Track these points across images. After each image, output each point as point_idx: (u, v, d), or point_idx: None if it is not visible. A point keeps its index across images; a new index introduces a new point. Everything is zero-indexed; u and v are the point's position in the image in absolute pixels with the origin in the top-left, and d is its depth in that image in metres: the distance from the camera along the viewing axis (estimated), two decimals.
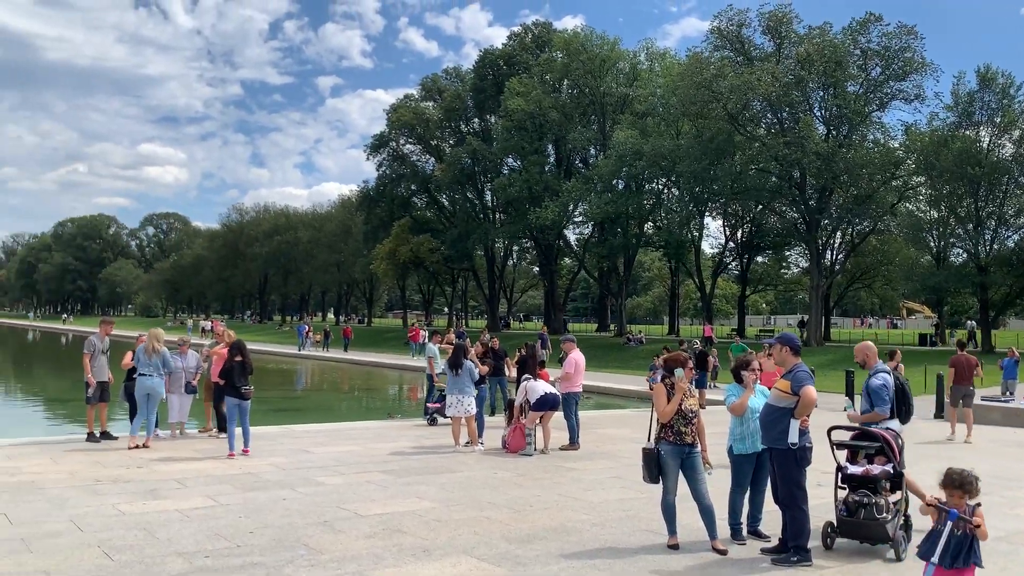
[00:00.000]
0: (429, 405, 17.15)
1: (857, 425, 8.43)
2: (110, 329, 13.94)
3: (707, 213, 52.99)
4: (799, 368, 7.51)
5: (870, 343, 9.00)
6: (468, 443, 13.72)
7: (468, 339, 16.02)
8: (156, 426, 13.48)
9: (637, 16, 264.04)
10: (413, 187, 69.95)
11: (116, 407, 16.04)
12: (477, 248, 65.46)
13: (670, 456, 7.60)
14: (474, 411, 13.62)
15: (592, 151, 57.64)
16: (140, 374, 13.05)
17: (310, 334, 54.74)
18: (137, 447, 12.84)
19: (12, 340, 77.22)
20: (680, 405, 7.63)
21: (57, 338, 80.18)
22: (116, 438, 13.76)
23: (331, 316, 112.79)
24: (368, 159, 71.29)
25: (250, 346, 13.81)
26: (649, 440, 7.89)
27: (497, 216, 65.54)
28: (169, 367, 13.42)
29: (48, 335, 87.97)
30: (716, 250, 61.22)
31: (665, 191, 52.98)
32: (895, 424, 8.48)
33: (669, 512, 7.71)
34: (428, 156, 70.72)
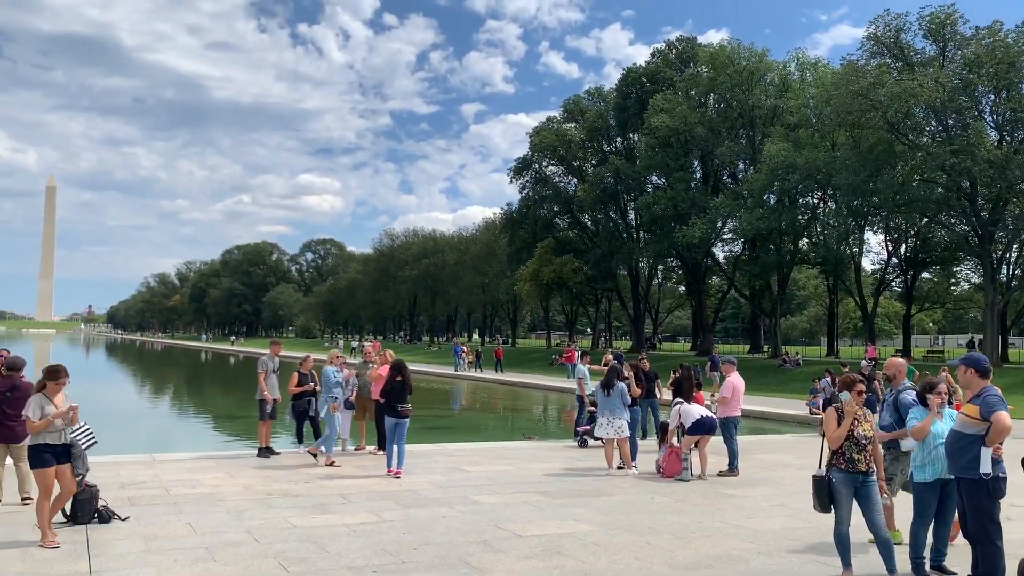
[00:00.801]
0: (579, 429, 17.03)
1: None
2: (278, 350, 14.70)
3: (867, 227, 50.28)
4: (988, 392, 6.91)
5: (901, 360, 9.02)
6: (621, 466, 13.50)
7: (624, 361, 15.77)
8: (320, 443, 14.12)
9: (785, 26, 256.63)
10: (556, 208, 70.38)
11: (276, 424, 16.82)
12: (621, 268, 64.97)
13: (842, 484, 7.17)
14: (627, 433, 13.39)
15: (741, 165, 56.13)
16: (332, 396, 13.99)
17: (466, 354, 55.46)
18: (331, 464, 13.43)
19: (187, 360, 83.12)
20: (852, 431, 7.20)
21: (226, 358, 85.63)
22: (279, 453, 14.45)
23: (476, 337, 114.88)
24: (511, 182, 72.50)
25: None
26: (820, 467, 7.48)
27: (641, 235, 64.84)
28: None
29: (218, 355, 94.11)
30: (877, 266, 58.02)
31: (821, 205, 50.76)
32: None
33: (842, 543, 7.26)
34: (571, 177, 71.04)
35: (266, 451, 14.27)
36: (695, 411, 13.19)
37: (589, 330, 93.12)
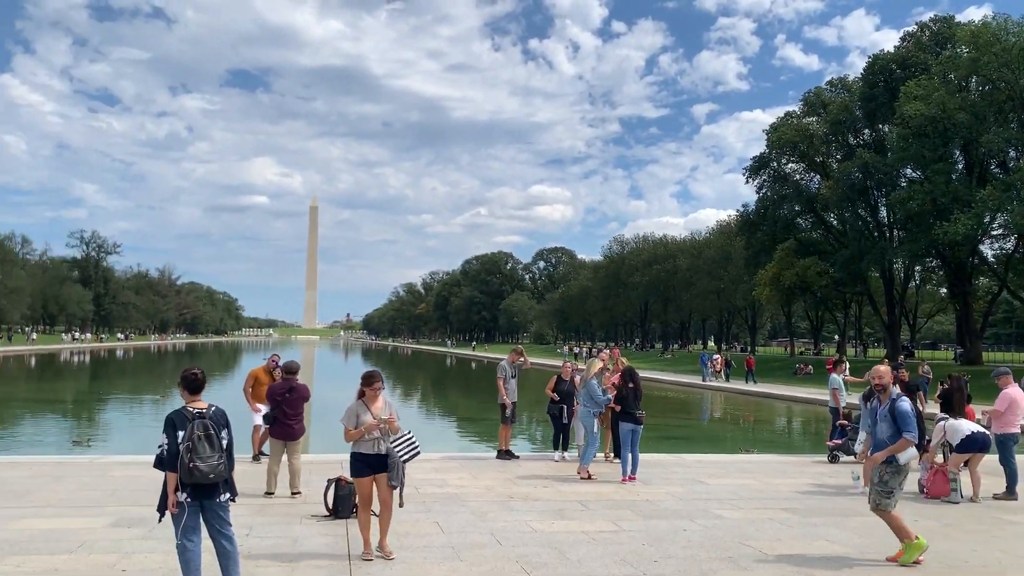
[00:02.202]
0: (830, 443, 15.93)
1: None
2: (516, 358, 15.07)
3: None
4: None
5: (886, 367, 8.72)
6: None
7: (904, 370, 14.55)
8: (563, 450, 14.27)
9: None
10: (797, 207, 66.78)
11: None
12: (872, 270, 60.33)
13: None
14: None
15: (1012, 153, 50.18)
16: (578, 403, 13.86)
17: (718, 363, 53.02)
18: (587, 477, 12.77)
19: (433, 365, 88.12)
20: None
21: (468, 363, 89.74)
22: (518, 457, 14.77)
23: (711, 344, 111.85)
24: (747, 182, 69.74)
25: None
26: None
27: (895, 233, 59.90)
28: (598, 399, 13.41)
29: (461, 360, 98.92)
30: None
31: None
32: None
33: None
34: (812, 174, 67.14)
35: (506, 454, 14.67)
36: (964, 427, 11.88)
37: (836, 337, 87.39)
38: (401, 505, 7.97)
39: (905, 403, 8.20)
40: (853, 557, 8.35)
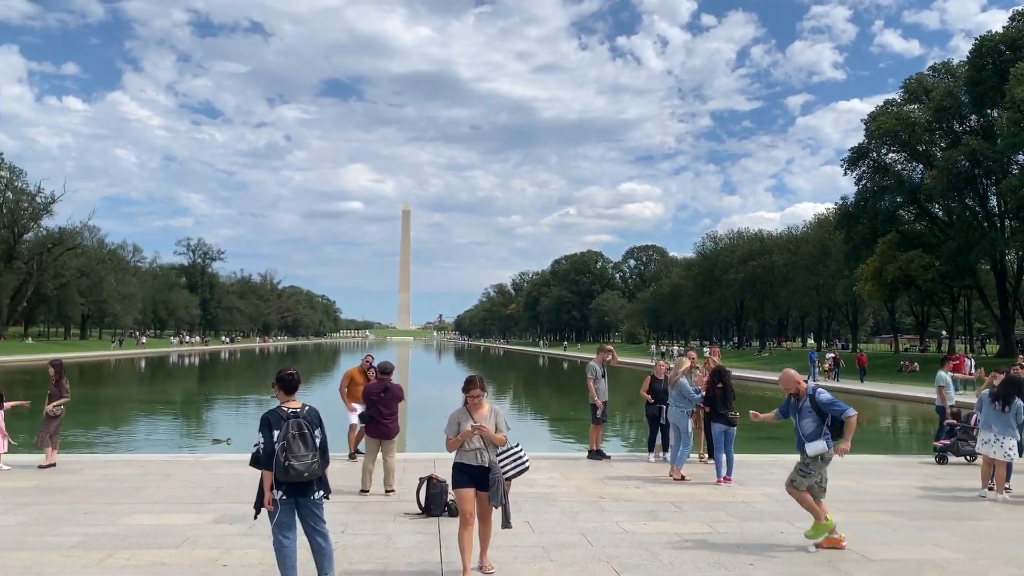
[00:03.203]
0: (937, 444, 15.22)
1: None
2: (605, 356, 14.95)
3: None
4: None
5: (793, 371, 9.19)
6: (991, 488, 11.80)
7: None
8: (662, 451, 14.10)
9: None
10: (899, 199, 64.06)
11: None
12: (981, 262, 57.38)
13: None
14: (1014, 457, 11.62)
15: None
16: (669, 404, 13.58)
17: (829, 361, 51.02)
18: (680, 479, 12.58)
19: (525, 365, 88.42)
20: None
21: (560, 363, 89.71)
22: (609, 457, 14.65)
23: (811, 341, 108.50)
24: (845, 174, 67.31)
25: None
26: None
27: (1006, 223, 56.85)
28: (688, 395, 13.11)
29: (553, 360, 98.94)
30: None
31: None
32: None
33: None
34: (915, 163, 64.33)
35: (597, 454, 14.58)
36: None
37: (944, 332, 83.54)
38: (507, 526, 7.25)
39: (824, 394, 8.79)
40: (964, 563, 7.94)
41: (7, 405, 13.19)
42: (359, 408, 12.74)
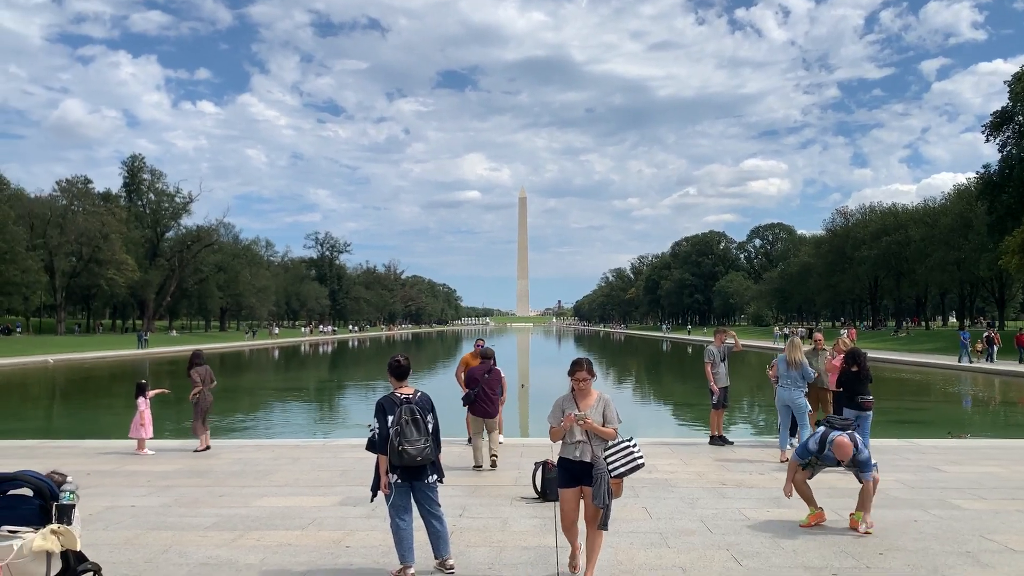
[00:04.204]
0: None
1: None
2: (724, 338, 14.55)
3: None
4: None
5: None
6: None
7: None
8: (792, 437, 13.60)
9: None
10: None
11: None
12: None
13: None
14: None
15: None
16: (780, 385, 12.91)
17: (993, 340, 46.68)
18: (786, 461, 12.36)
19: (647, 350, 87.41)
20: None
21: (684, 348, 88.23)
22: (732, 443, 14.26)
23: (953, 320, 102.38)
24: (987, 140, 62.94)
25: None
26: None
27: None
28: (808, 378, 12.81)
29: (676, 344, 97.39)
30: None
31: None
32: None
33: None
34: None
35: (719, 439, 14.23)
36: None
37: None
38: (604, 527, 6.38)
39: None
40: None
41: (151, 393, 14.10)
42: None
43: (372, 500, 6.78)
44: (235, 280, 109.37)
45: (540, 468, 9.79)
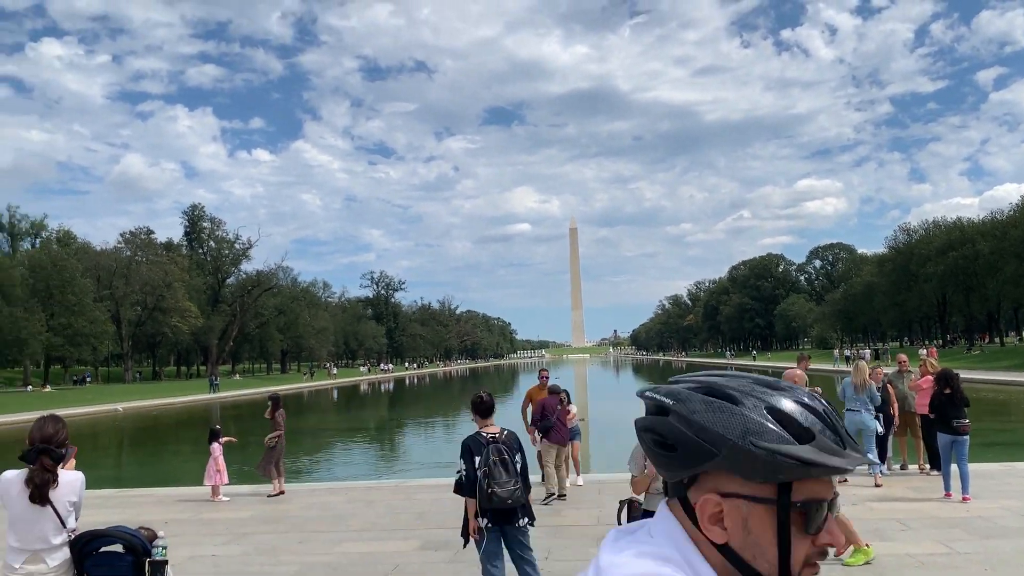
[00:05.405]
0: None
1: None
2: (807, 364, 13.99)
3: None
4: None
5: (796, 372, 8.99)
6: None
7: None
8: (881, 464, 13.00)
9: None
10: None
11: None
12: None
13: None
14: None
15: None
16: (848, 409, 12.60)
17: None
18: (879, 486, 12.12)
19: None
20: None
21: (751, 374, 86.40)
22: None
23: None
24: None
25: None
26: None
27: None
28: (875, 401, 12.73)
29: (740, 370, 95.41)
30: None
31: None
32: None
33: None
34: None
35: None
36: None
37: None
38: None
39: None
40: None
41: (222, 440, 14.11)
42: None
43: (464, 546, 6.52)
44: (295, 322, 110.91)
45: (626, 507, 9.40)
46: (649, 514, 5.76)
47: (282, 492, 13.69)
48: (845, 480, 12.40)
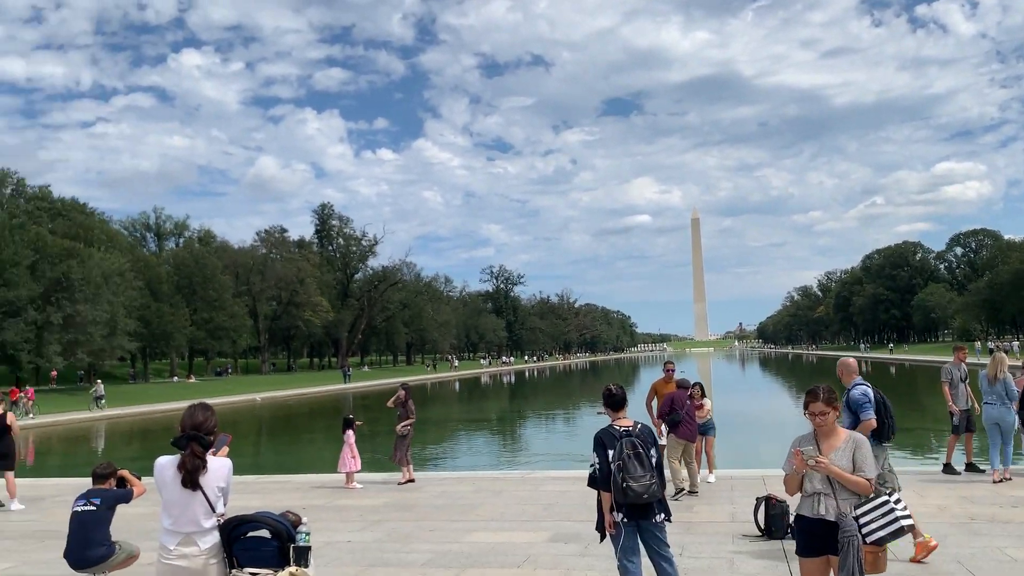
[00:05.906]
0: None
1: None
2: (964, 356, 13.13)
3: None
4: None
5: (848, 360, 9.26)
6: None
7: None
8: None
9: None
10: None
11: None
12: None
13: None
14: None
15: None
16: (985, 403, 12.12)
17: None
18: (1000, 480, 11.82)
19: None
20: None
21: (885, 368, 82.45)
22: (982, 471, 12.75)
23: None
24: None
25: None
26: None
27: None
28: (1012, 395, 11.88)
29: (876, 365, 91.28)
30: None
31: None
32: None
33: None
34: None
35: (948, 468, 12.81)
36: None
37: None
38: None
39: (857, 390, 8.74)
40: None
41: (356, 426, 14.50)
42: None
43: (601, 541, 6.37)
44: (419, 316, 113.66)
45: (763, 503, 9.05)
46: (799, 517, 5.17)
47: (412, 480, 13.94)
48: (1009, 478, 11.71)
